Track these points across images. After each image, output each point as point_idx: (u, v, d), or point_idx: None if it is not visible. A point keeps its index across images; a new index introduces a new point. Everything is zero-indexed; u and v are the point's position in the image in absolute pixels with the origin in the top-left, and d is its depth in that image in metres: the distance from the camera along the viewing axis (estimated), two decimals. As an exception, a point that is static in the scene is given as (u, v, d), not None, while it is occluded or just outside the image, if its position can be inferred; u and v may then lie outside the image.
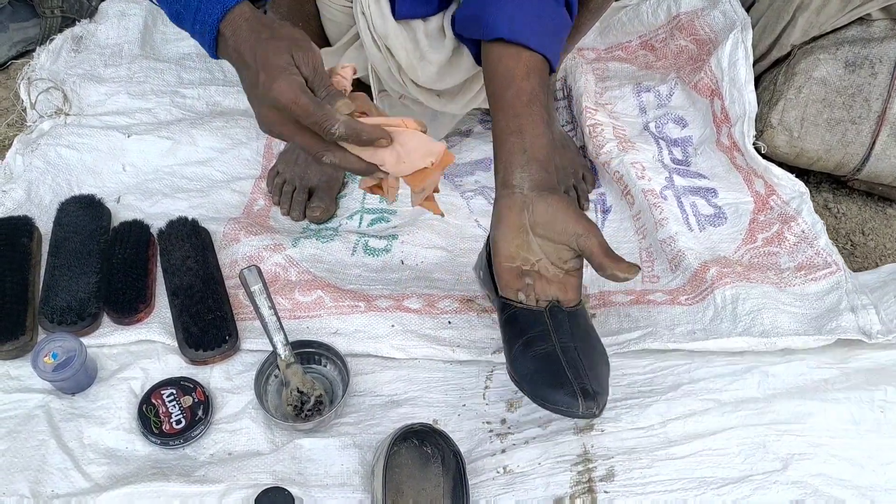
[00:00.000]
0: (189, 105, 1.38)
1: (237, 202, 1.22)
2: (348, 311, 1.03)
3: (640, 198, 1.16)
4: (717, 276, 1.01)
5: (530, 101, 0.88)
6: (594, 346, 0.87)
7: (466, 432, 0.92)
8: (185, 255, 1.07)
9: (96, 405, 0.94)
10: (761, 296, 0.98)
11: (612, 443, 0.88)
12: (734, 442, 0.86)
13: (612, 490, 0.84)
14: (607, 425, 0.89)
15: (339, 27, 1.11)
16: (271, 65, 0.73)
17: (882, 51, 1.17)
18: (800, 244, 1.07)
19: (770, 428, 0.86)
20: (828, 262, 1.03)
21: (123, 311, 1.02)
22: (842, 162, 1.21)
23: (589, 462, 0.86)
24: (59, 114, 1.33)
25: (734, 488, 0.83)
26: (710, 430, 0.87)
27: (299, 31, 0.77)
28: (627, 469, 0.85)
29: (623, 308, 1.03)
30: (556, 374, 0.81)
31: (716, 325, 0.98)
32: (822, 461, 0.84)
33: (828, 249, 1.05)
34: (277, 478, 0.87)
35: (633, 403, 0.91)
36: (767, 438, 0.86)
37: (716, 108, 1.27)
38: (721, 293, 1.00)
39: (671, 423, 0.89)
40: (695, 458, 0.85)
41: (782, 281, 1.03)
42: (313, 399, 0.94)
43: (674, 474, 0.85)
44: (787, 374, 0.91)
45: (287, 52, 0.74)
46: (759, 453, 0.85)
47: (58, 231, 1.10)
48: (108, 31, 1.51)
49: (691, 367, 0.93)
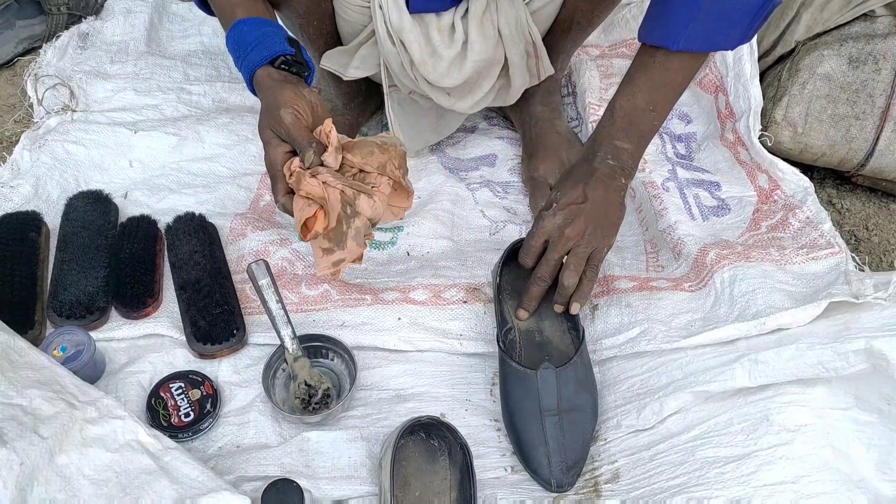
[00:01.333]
0: (195, 101, 1.39)
1: (243, 198, 1.23)
2: (354, 303, 1.04)
3: (641, 190, 1.17)
4: (716, 259, 1.01)
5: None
6: (582, 407, 0.90)
7: (473, 428, 0.93)
8: (192, 249, 1.08)
9: (105, 398, 0.95)
10: (759, 275, 0.97)
11: (615, 448, 0.90)
12: (736, 420, 0.85)
13: (618, 489, 0.85)
14: (609, 433, 0.91)
15: (352, 27, 1.12)
16: (261, 127, 0.92)
17: (886, 47, 1.18)
18: (804, 228, 1.06)
19: (773, 401, 0.85)
20: (830, 244, 1.03)
21: (131, 306, 1.02)
22: (846, 158, 1.21)
23: (593, 463, 0.89)
24: (65, 110, 1.34)
25: (738, 466, 0.82)
26: (710, 415, 0.87)
27: (292, 91, 0.90)
28: (631, 468, 0.87)
29: (625, 296, 1.03)
30: (535, 452, 0.87)
31: (715, 312, 0.97)
32: (830, 432, 0.82)
33: (832, 233, 1.04)
34: (285, 470, 0.88)
35: (631, 408, 0.92)
36: (771, 411, 0.84)
37: (720, 103, 1.27)
38: (720, 276, 0.99)
39: (670, 418, 0.89)
40: (696, 441, 0.86)
41: (783, 258, 1.01)
42: (321, 392, 0.95)
43: (676, 460, 0.85)
44: (778, 360, 0.87)
45: (277, 122, 0.89)
46: (764, 427, 0.84)
47: (66, 226, 1.11)
48: (115, 28, 1.52)
49: (684, 361, 0.93)
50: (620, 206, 0.96)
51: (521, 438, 0.88)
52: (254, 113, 1.35)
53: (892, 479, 0.81)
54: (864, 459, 0.82)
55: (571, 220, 0.92)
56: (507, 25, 1.06)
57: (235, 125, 1.33)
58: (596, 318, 1.03)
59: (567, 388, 0.89)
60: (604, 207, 0.94)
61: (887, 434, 0.83)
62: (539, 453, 0.87)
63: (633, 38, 1.50)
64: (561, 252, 0.93)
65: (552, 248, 0.93)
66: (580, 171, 0.96)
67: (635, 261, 1.12)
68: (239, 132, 1.32)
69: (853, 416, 0.84)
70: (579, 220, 0.92)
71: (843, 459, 0.81)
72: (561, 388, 0.89)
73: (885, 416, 0.84)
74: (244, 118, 1.34)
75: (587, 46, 1.48)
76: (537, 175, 1.23)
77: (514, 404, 0.90)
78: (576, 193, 0.93)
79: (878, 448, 0.83)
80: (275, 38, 0.92)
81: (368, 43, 1.12)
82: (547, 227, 0.93)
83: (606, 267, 1.09)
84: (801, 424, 0.83)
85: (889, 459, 0.82)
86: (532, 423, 0.88)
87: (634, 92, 0.94)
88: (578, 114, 1.37)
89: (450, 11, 1.05)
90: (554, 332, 0.97)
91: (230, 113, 1.35)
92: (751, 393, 0.87)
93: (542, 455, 0.86)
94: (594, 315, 1.03)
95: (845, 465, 0.81)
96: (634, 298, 1.03)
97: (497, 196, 1.25)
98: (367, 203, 0.89)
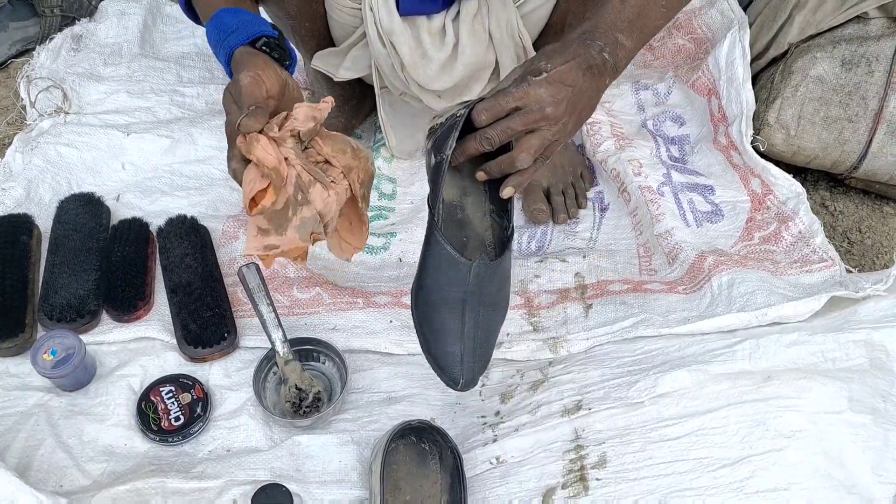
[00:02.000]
0: (188, 104, 1.39)
1: (236, 200, 1.23)
2: (346, 307, 1.04)
3: (637, 194, 1.17)
4: (714, 264, 1.02)
5: None
6: (499, 304, 0.84)
7: (461, 428, 0.93)
8: (184, 252, 1.08)
9: (95, 402, 0.95)
10: (756, 280, 0.98)
11: (602, 424, 0.86)
12: (732, 420, 0.83)
13: (605, 477, 0.83)
14: (595, 404, 0.88)
15: (344, 28, 1.12)
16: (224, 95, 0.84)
17: (878, 49, 1.18)
18: (796, 244, 1.07)
19: (769, 404, 0.84)
20: (823, 258, 1.04)
21: (122, 309, 1.02)
22: (839, 160, 1.21)
23: (581, 449, 0.85)
24: (58, 112, 1.33)
25: (732, 470, 0.80)
26: (706, 407, 0.85)
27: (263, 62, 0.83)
28: (620, 454, 0.84)
29: (620, 296, 1.03)
30: (449, 348, 0.80)
31: (711, 311, 0.98)
32: (823, 438, 0.81)
33: (823, 247, 1.05)
34: (275, 474, 0.88)
35: (622, 382, 0.89)
36: (768, 415, 0.83)
37: (713, 106, 1.27)
38: (718, 280, 1.00)
39: (662, 399, 0.86)
40: (690, 437, 0.83)
41: (778, 270, 1.03)
42: (311, 396, 0.95)
43: (668, 456, 0.82)
44: (778, 346, 0.87)
45: (234, 84, 0.82)
46: (759, 431, 0.82)
47: (57, 229, 1.11)
48: (108, 31, 1.52)
49: (682, 345, 0.92)
50: (595, 106, 0.84)
51: (436, 329, 0.81)
52: (247, 115, 1.35)
53: (887, 480, 0.81)
54: (859, 462, 0.82)
55: (558, 100, 0.78)
56: (498, 29, 1.06)
57: (229, 127, 1.32)
58: (590, 315, 1.02)
59: (493, 283, 0.81)
60: (587, 102, 0.82)
61: (881, 435, 0.83)
62: (454, 349, 0.80)
63: (627, 39, 1.49)
64: (529, 126, 0.79)
65: (522, 117, 0.78)
66: (576, 52, 0.80)
67: (628, 265, 1.12)
68: (232, 134, 1.31)
69: (847, 419, 0.84)
70: (563, 104, 0.79)
71: (836, 465, 0.81)
72: (487, 284, 0.81)
73: (880, 414, 0.84)
74: (237, 120, 1.33)
75: (581, 48, 1.48)
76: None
77: (436, 292, 0.81)
78: (570, 75, 0.79)
79: (873, 450, 0.83)
80: (257, 22, 0.86)
81: (360, 44, 1.12)
82: (530, 93, 0.77)
83: (599, 272, 1.09)
84: (796, 430, 0.82)
85: (883, 461, 0.82)
86: (452, 316, 0.80)
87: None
88: (572, 116, 1.37)
89: (441, 14, 1.05)
90: (475, 213, 0.87)
91: (223, 115, 1.34)
92: (748, 392, 0.85)
93: (457, 352, 0.80)
94: (588, 314, 1.03)
95: (838, 471, 0.81)
96: (629, 298, 1.03)
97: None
98: (321, 195, 0.80)
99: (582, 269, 1.12)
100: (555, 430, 0.87)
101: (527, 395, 0.92)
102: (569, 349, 0.99)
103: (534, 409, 0.90)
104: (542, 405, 0.90)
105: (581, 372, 0.93)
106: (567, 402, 0.89)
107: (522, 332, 1.02)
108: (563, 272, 1.11)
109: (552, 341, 1.00)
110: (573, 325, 1.02)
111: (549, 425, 0.88)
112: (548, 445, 0.86)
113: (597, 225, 1.21)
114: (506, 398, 0.94)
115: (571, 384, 0.92)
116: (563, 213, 1.20)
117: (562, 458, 0.85)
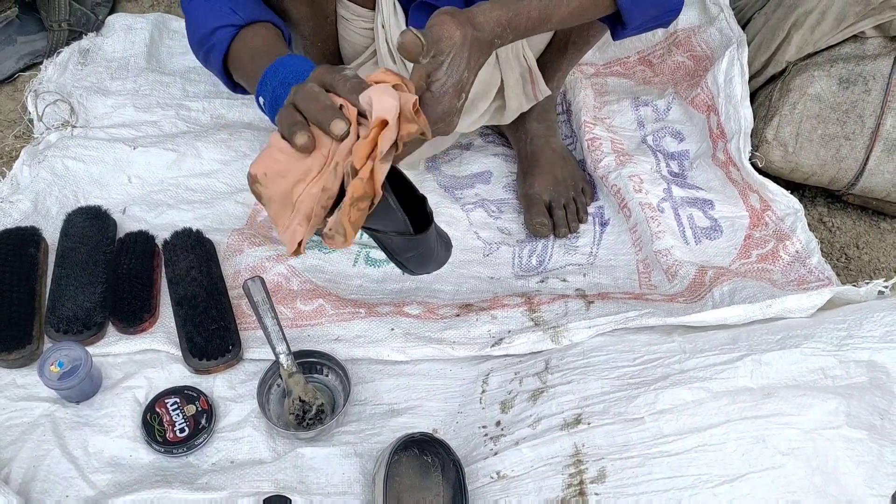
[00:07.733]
0: (194, 118, 1.40)
1: (241, 213, 1.24)
2: (349, 317, 1.05)
3: (637, 210, 1.18)
4: (714, 277, 1.03)
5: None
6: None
7: (463, 438, 0.93)
8: (189, 265, 1.09)
9: (101, 413, 0.96)
10: (757, 287, 1.00)
11: (602, 439, 0.87)
12: (732, 436, 0.84)
13: (604, 492, 0.83)
14: (594, 419, 0.88)
15: (355, 48, 1.15)
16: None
17: (875, 68, 1.19)
18: (793, 264, 1.09)
19: (769, 420, 0.84)
20: (820, 278, 1.05)
21: (128, 321, 1.03)
22: (836, 177, 1.23)
23: (580, 463, 0.86)
24: (65, 126, 1.35)
25: (731, 488, 0.81)
26: (706, 423, 0.85)
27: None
28: (619, 469, 0.84)
29: (621, 300, 1.05)
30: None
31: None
32: (819, 455, 0.82)
33: (820, 267, 1.07)
34: (279, 486, 0.88)
35: (622, 396, 0.90)
36: (767, 432, 0.83)
37: (712, 123, 1.29)
38: (720, 290, 1.01)
39: (663, 415, 0.86)
40: (689, 454, 0.83)
41: (775, 286, 1.04)
42: (315, 408, 0.96)
43: (667, 472, 0.83)
44: (781, 363, 0.87)
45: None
46: (758, 448, 0.83)
47: (64, 241, 1.12)
48: (115, 45, 1.53)
49: (682, 357, 0.92)
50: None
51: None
52: (252, 129, 1.36)
53: (879, 493, 0.82)
54: (853, 476, 0.83)
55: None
56: (504, 49, 1.08)
57: (233, 141, 1.34)
58: (591, 309, 1.04)
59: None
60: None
61: (875, 450, 0.84)
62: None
63: (628, 56, 1.52)
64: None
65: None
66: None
67: (628, 279, 1.14)
68: (237, 148, 1.33)
69: (843, 434, 0.85)
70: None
71: (831, 482, 0.82)
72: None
73: (877, 431, 0.85)
74: (242, 134, 1.35)
75: (582, 65, 1.50)
76: (532, 192, 1.24)
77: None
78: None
79: (867, 464, 0.83)
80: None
81: (369, 63, 1.14)
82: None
83: (599, 287, 1.10)
84: (793, 448, 0.83)
85: (876, 475, 0.83)
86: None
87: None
88: (573, 132, 1.39)
89: None
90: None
91: (228, 129, 1.37)
92: (748, 409, 0.86)
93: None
94: (589, 308, 1.04)
95: (833, 487, 0.82)
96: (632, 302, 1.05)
97: (491, 216, 1.27)
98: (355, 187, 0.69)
99: (583, 285, 1.13)
100: (555, 445, 0.88)
101: (527, 406, 0.93)
102: (570, 338, 0.98)
103: (534, 422, 0.91)
104: (543, 418, 0.91)
105: (581, 382, 0.94)
106: (567, 415, 0.90)
107: (523, 328, 1.03)
108: (565, 291, 1.12)
109: (553, 331, 1.00)
110: (574, 315, 1.03)
111: (549, 439, 0.88)
112: (548, 459, 0.87)
113: (597, 240, 1.22)
114: (506, 407, 0.95)
115: (571, 395, 0.92)
116: (564, 227, 1.22)
117: (562, 473, 0.85)
